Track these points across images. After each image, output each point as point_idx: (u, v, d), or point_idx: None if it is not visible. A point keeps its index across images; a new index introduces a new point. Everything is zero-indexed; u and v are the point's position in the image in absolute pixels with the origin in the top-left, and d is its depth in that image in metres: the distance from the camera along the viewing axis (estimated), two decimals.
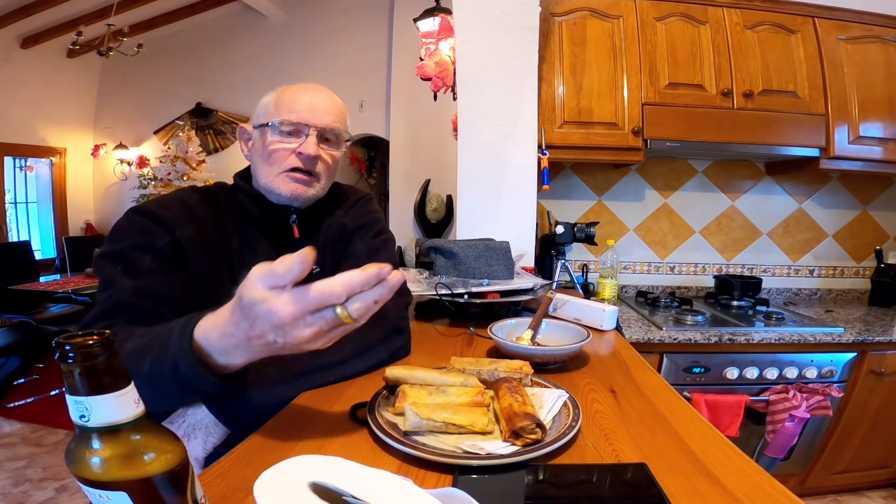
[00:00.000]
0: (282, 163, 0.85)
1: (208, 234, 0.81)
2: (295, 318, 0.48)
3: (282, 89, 0.87)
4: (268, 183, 0.86)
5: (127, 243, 0.74)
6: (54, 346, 0.32)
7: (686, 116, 1.79)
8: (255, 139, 0.88)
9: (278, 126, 0.84)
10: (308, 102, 0.85)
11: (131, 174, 5.19)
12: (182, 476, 0.36)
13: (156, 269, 0.74)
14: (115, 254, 0.74)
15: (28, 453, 2.29)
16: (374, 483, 0.37)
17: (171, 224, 0.77)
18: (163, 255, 0.75)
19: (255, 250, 0.87)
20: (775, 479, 0.52)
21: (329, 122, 0.86)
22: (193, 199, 0.84)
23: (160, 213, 0.78)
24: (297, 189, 0.86)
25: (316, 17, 4.62)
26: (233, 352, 0.53)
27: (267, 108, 0.86)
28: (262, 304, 0.48)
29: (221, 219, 0.85)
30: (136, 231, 0.76)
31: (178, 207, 0.80)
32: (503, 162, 1.65)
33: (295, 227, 0.90)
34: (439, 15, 2.07)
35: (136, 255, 0.74)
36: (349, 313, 0.48)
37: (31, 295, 3.37)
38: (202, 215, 0.82)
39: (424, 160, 3.65)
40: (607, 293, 1.88)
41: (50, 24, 4.58)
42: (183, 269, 0.77)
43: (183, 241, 0.77)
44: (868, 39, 1.84)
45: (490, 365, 0.75)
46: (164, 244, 0.76)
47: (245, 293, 0.49)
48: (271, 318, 0.48)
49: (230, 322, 0.52)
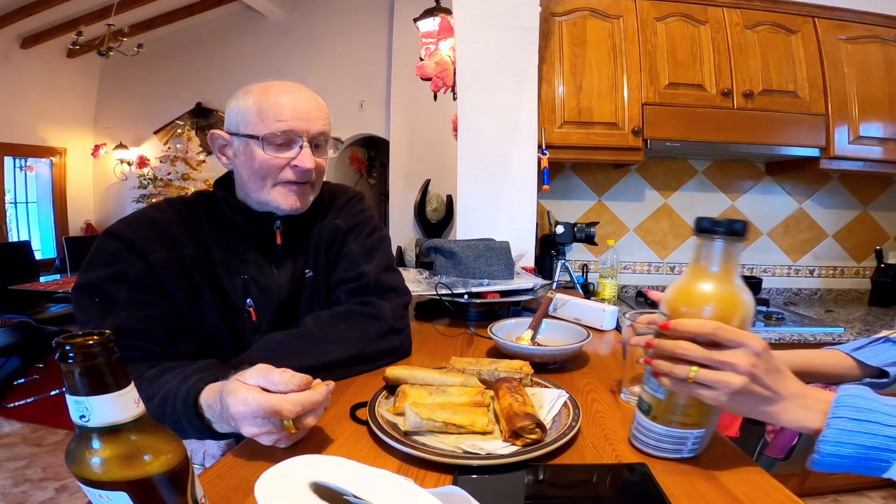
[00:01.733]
0: (276, 176, 0.81)
1: (182, 253, 0.78)
2: (244, 417, 0.55)
3: (259, 92, 0.81)
4: (261, 197, 0.82)
5: (102, 273, 0.73)
6: (54, 346, 0.32)
7: (686, 116, 1.79)
8: (238, 150, 0.82)
9: (268, 139, 0.79)
10: (295, 108, 0.80)
11: (131, 174, 5.19)
12: (182, 476, 0.36)
13: (132, 300, 0.72)
14: (89, 286, 0.72)
15: (28, 453, 2.29)
16: (375, 482, 0.37)
17: (141, 248, 0.74)
18: (137, 283, 0.73)
19: (243, 259, 0.85)
20: (775, 479, 0.52)
21: (319, 127, 0.82)
22: (167, 217, 0.80)
23: (130, 236, 0.75)
24: (296, 202, 0.83)
25: (316, 17, 4.62)
26: (218, 423, 0.60)
27: (247, 115, 0.80)
28: (226, 395, 0.56)
29: (200, 232, 0.82)
30: (108, 258, 0.74)
31: (147, 228, 0.77)
32: (503, 162, 1.65)
33: (278, 233, 0.87)
34: (439, 15, 2.07)
35: (112, 286, 0.72)
36: (294, 425, 0.55)
37: (31, 295, 3.37)
38: (175, 233, 0.79)
39: (424, 160, 3.65)
40: (607, 293, 1.88)
41: (50, 24, 4.58)
42: (161, 295, 0.75)
43: (156, 265, 0.75)
44: (868, 39, 1.84)
45: (490, 365, 0.75)
46: (138, 271, 0.73)
47: (231, 380, 0.58)
48: (227, 408, 0.56)
49: (214, 398, 0.60)
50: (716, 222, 0.51)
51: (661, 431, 0.55)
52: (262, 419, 0.54)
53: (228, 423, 0.57)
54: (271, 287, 0.86)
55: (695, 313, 0.51)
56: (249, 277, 0.85)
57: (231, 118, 0.83)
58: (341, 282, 0.90)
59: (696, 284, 0.52)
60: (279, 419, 0.54)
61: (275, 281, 0.87)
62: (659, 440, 0.56)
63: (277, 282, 0.87)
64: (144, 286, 0.74)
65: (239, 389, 0.55)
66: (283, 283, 0.88)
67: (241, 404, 0.54)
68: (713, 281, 0.51)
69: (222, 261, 0.83)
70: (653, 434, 0.56)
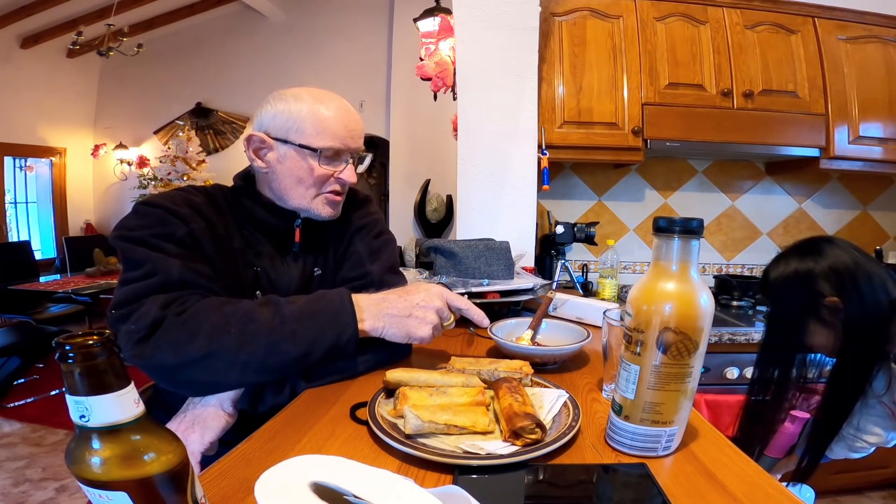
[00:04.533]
0: (321, 186, 0.85)
1: (216, 230, 0.82)
2: (436, 295, 0.81)
3: (312, 101, 0.83)
4: (300, 203, 0.86)
5: (147, 231, 0.73)
6: (54, 346, 0.32)
7: (686, 116, 1.79)
8: (286, 156, 0.83)
9: (325, 152, 0.83)
10: (346, 126, 0.84)
11: (131, 174, 5.18)
12: (182, 476, 0.36)
13: (184, 255, 0.74)
14: (139, 240, 0.72)
15: (28, 453, 2.29)
16: (375, 482, 0.37)
17: (184, 216, 0.77)
18: (184, 243, 0.75)
19: (258, 252, 0.87)
20: (775, 479, 0.52)
21: (360, 144, 0.88)
22: (198, 198, 0.83)
23: (171, 206, 0.77)
24: (333, 211, 0.89)
25: (316, 17, 4.62)
26: (373, 318, 0.78)
27: (302, 125, 0.81)
28: (410, 289, 0.82)
29: (224, 219, 0.85)
30: (154, 221, 0.75)
31: (184, 204, 0.80)
32: (503, 162, 1.65)
33: (298, 230, 0.90)
34: (439, 15, 2.07)
35: (161, 242, 0.73)
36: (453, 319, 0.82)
37: (31, 295, 3.37)
38: (208, 212, 0.82)
39: (424, 160, 3.64)
40: (607, 293, 1.88)
41: (50, 24, 4.58)
42: (203, 259, 0.78)
43: (197, 233, 0.77)
44: (868, 39, 1.84)
45: (490, 365, 0.75)
46: (184, 234, 0.75)
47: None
48: (412, 295, 0.80)
49: (376, 296, 0.80)
50: (672, 221, 0.52)
51: (634, 430, 0.56)
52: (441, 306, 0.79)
53: (417, 312, 0.78)
54: (281, 282, 0.88)
55: (656, 310, 0.53)
56: (262, 270, 0.87)
57: (277, 122, 0.83)
58: (346, 280, 0.92)
59: (657, 283, 0.54)
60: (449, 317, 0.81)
61: (286, 276, 0.89)
62: (633, 439, 0.56)
63: (288, 277, 0.89)
64: (191, 246, 0.76)
65: (428, 285, 0.82)
66: (294, 280, 0.90)
67: (434, 293, 0.80)
68: (672, 279, 0.53)
69: (240, 250, 0.85)
70: (626, 433, 0.57)
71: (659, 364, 0.53)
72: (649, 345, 0.54)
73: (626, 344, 0.56)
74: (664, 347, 0.53)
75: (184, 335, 0.67)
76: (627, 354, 0.56)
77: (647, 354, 0.54)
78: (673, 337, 0.52)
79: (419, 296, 0.78)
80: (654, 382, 0.54)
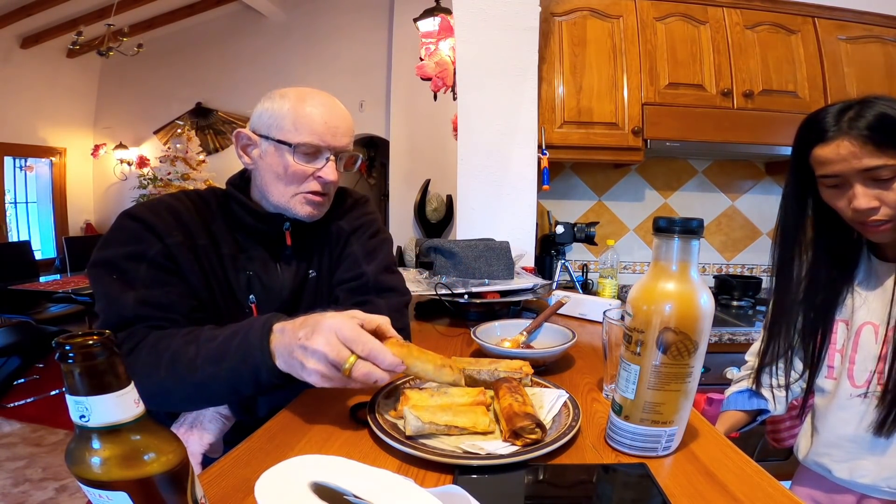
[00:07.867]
0: (299, 185, 0.83)
1: (196, 242, 0.80)
2: (329, 329, 0.59)
3: (296, 98, 0.82)
4: (281, 202, 0.84)
5: (121, 251, 0.74)
6: (54, 346, 0.32)
7: (686, 116, 1.79)
8: (266, 152, 0.83)
9: (300, 148, 0.81)
10: (328, 122, 0.82)
11: (131, 174, 5.19)
12: (182, 476, 0.36)
13: (151, 278, 0.73)
14: (108, 263, 0.73)
15: (28, 453, 2.29)
16: (375, 482, 0.37)
17: (160, 231, 0.76)
18: (156, 263, 0.74)
19: (250, 256, 0.86)
20: (775, 479, 0.52)
21: (345, 142, 0.85)
22: (184, 205, 0.82)
23: (150, 219, 0.76)
24: (314, 211, 0.86)
25: (316, 17, 4.62)
26: (285, 358, 0.63)
27: (281, 121, 0.81)
28: (319, 319, 0.60)
29: (213, 225, 0.84)
30: (127, 237, 0.75)
31: (166, 213, 0.79)
32: (503, 162, 1.65)
33: (288, 234, 0.89)
34: (439, 15, 2.07)
35: (131, 264, 0.73)
36: (352, 369, 0.58)
37: (31, 295, 3.37)
38: (191, 221, 0.81)
39: (424, 160, 3.65)
40: (607, 293, 1.87)
41: (50, 24, 4.58)
42: (176, 276, 0.77)
43: (173, 248, 0.76)
44: (868, 39, 1.84)
45: (490, 365, 0.74)
46: (156, 252, 0.75)
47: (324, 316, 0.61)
48: (314, 326, 0.60)
49: (295, 323, 0.64)
50: (672, 221, 0.52)
51: (634, 430, 0.56)
52: (337, 344, 0.58)
53: (297, 353, 0.60)
54: (274, 286, 0.88)
55: (656, 310, 0.53)
56: (254, 274, 0.86)
57: (262, 120, 0.83)
58: (342, 281, 0.92)
59: (657, 283, 0.54)
60: (345, 359, 0.58)
61: (278, 280, 0.88)
62: (633, 439, 0.57)
63: (281, 281, 0.88)
64: (162, 266, 0.75)
65: (334, 315, 0.60)
66: (287, 283, 0.89)
67: (324, 328, 0.58)
68: (672, 279, 0.53)
69: (230, 255, 0.84)
70: (626, 433, 0.57)
71: (659, 364, 0.53)
72: (649, 345, 0.54)
73: (626, 344, 0.56)
74: (664, 347, 0.53)
75: (131, 373, 0.66)
76: (627, 354, 0.56)
77: (647, 354, 0.54)
78: (673, 337, 0.52)
79: (303, 331, 0.61)
80: (654, 382, 0.54)
